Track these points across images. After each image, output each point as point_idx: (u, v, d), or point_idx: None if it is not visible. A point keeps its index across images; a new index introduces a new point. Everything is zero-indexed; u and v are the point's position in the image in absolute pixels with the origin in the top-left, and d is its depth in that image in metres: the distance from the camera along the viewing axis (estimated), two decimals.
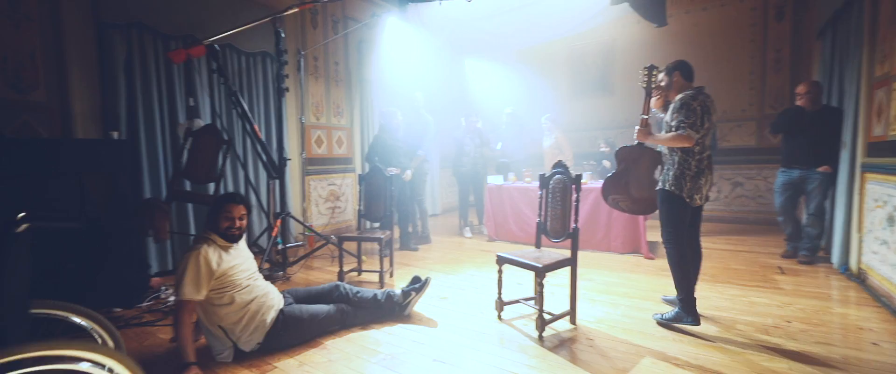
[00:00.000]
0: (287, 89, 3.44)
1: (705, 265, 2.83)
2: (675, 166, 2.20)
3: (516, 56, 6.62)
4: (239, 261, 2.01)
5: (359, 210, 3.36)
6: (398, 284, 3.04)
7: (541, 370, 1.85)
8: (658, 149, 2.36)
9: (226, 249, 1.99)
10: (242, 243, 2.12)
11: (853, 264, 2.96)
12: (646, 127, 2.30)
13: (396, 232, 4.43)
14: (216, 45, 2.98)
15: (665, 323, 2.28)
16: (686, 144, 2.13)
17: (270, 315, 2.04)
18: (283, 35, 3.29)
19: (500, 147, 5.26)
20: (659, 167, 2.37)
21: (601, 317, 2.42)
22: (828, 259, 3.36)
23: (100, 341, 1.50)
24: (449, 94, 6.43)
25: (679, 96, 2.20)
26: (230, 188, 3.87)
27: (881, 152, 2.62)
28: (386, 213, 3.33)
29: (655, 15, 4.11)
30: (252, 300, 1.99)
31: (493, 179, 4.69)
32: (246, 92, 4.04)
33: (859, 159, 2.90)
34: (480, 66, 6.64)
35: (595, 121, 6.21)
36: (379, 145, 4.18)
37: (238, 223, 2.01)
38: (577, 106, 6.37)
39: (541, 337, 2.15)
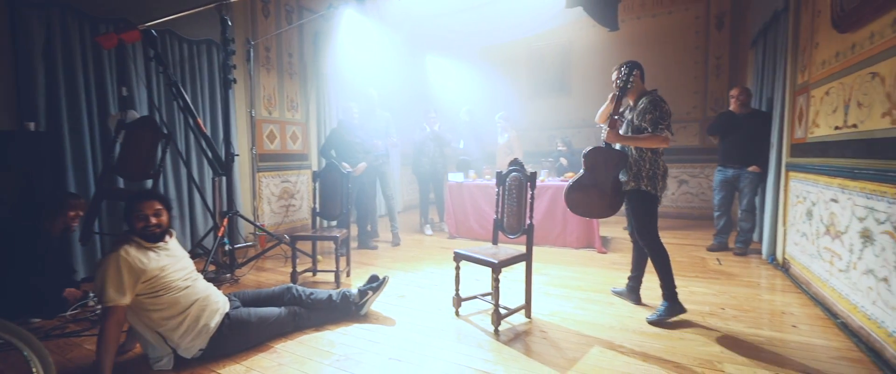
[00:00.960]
0: (234, 81, 3.24)
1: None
2: (648, 166, 2.24)
3: (478, 54, 6.66)
4: (170, 261, 1.87)
5: (314, 208, 3.24)
6: (355, 283, 2.97)
7: (496, 364, 1.87)
8: (618, 147, 2.36)
9: (151, 249, 1.84)
10: (174, 243, 1.98)
11: (779, 255, 3.25)
12: (614, 128, 2.26)
13: (354, 230, 4.32)
14: (153, 31, 2.75)
15: (659, 321, 2.23)
16: (664, 145, 2.17)
17: (215, 320, 1.92)
18: (230, 23, 3.10)
19: (462, 146, 5.27)
20: (624, 169, 2.34)
21: (555, 310, 2.49)
22: (759, 251, 3.66)
23: (26, 358, 1.32)
24: (410, 90, 6.36)
25: (648, 98, 2.22)
26: (170, 185, 3.61)
27: (802, 153, 2.88)
28: (342, 210, 3.23)
29: (608, 19, 4.25)
30: (192, 303, 1.87)
31: (454, 177, 4.70)
32: (188, 83, 3.77)
33: (784, 159, 3.18)
34: (442, 63, 6.62)
35: (553, 120, 6.39)
36: (335, 140, 4.05)
37: (153, 221, 1.86)
38: (537, 105, 6.53)
39: (497, 331, 2.18)
